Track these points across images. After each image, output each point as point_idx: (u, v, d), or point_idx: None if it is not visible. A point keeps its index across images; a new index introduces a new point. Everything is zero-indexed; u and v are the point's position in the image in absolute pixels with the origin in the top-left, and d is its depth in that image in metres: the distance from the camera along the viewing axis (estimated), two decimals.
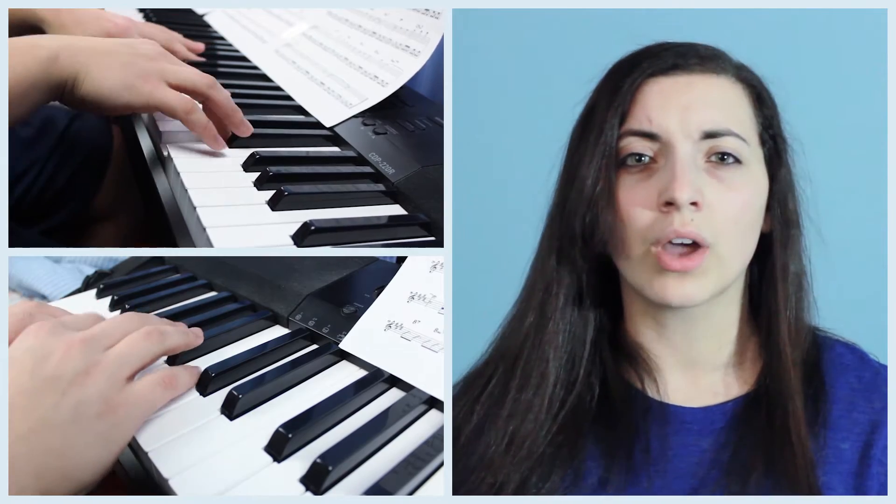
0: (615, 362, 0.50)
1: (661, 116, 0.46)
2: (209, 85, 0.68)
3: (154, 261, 0.97)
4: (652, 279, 0.46)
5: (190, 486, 0.46)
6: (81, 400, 0.47)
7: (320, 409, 0.53)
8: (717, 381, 0.50)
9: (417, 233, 0.62)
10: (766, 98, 0.49)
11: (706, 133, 0.45)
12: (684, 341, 0.49)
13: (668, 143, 0.46)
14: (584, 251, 0.48)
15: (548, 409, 0.49)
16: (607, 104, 0.48)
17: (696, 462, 0.47)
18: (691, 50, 0.48)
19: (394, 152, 0.71)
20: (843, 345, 0.51)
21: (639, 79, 0.47)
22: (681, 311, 0.48)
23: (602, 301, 0.51)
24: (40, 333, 0.51)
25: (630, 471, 0.47)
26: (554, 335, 0.49)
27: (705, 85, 0.47)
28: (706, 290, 0.45)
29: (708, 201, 0.45)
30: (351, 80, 0.85)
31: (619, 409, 0.49)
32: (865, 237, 0.71)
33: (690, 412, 0.49)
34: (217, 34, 1.16)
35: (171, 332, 0.59)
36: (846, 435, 0.47)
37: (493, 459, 0.48)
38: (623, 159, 0.47)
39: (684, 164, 0.45)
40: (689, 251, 0.45)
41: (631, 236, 0.46)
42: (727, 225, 0.45)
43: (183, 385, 0.56)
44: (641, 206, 0.46)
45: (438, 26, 0.81)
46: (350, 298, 0.70)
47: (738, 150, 0.46)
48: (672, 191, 0.44)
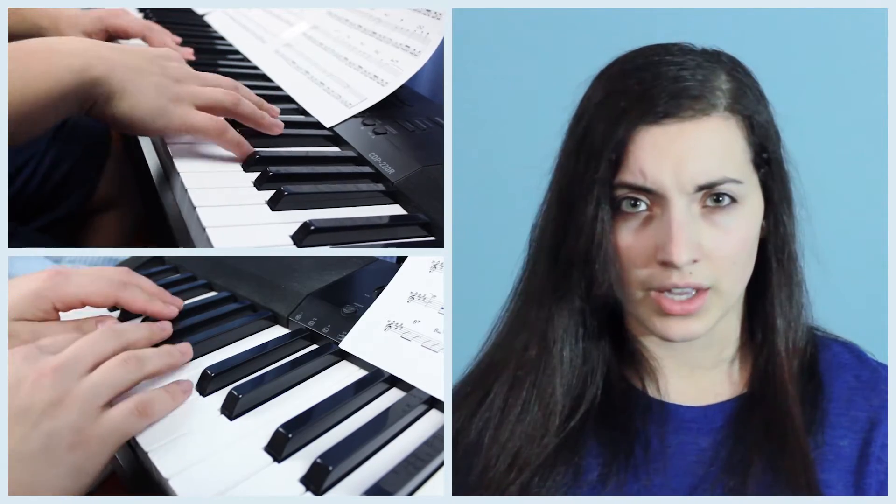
0: (616, 362, 0.50)
1: (656, 171, 0.44)
2: (235, 102, 0.68)
3: (154, 261, 0.97)
4: (654, 319, 0.46)
5: (190, 486, 0.46)
6: (52, 432, 0.45)
7: (320, 409, 0.53)
8: (716, 380, 0.50)
9: (417, 233, 0.62)
10: (760, 121, 0.47)
11: (701, 186, 0.44)
12: (687, 349, 0.50)
13: (663, 197, 0.45)
14: (585, 297, 0.48)
15: (553, 431, 0.49)
16: (600, 148, 0.46)
17: (695, 460, 0.48)
18: (682, 90, 0.45)
19: (394, 152, 0.71)
20: (841, 344, 0.51)
21: (631, 130, 0.45)
22: None
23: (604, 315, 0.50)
24: (14, 360, 0.49)
25: (630, 468, 0.47)
26: (559, 363, 0.49)
27: (697, 132, 0.45)
28: (709, 324, 0.46)
29: (706, 251, 0.44)
30: (351, 80, 0.85)
31: (619, 408, 0.49)
32: (866, 237, 0.71)
33: (690, 411, 0.49)
34: (217, 34, 1.16)
35: (150, 356, 0.56)
36: (845, 433, 0.47)
37: (494, 479, 0.48)
38: (619, 203, 0.46)
39: (680, 224, 0.44)
40: (691, 296, 0.45)
41: (630, 284, 0.46)
42: (726, 266, 0.45)
43: (159, 411, 0.53)
44: (639, 258, 0.45)
45: (439, 27, 0.81)
46: (350, 298, 0.70)
47: (734, 192, 0.45)
48: (670, 254, 0.43)
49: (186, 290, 0.84)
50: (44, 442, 0.45)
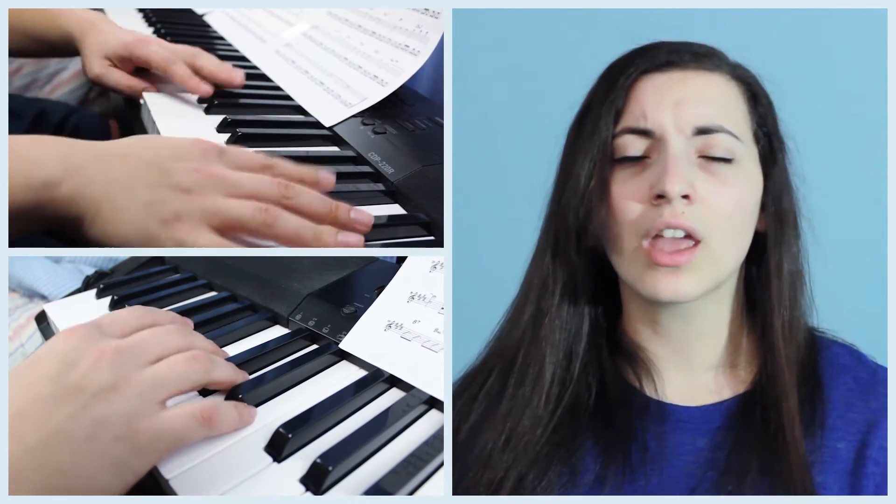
0: (613, 361, 0.50)
1: (656, 112, 0.46)
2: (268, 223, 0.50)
3: (154, 261, 0.97)
4: (643, 274, 0.46)
5: (190, 486, 0.46)
6: (102, 418, 0.42)
7: (320, 409, 0.53)
8: (713, 380, 0.50)
9: (417, 232, 0.62)
10: (762, 96, 0.49)
11: (698, 129, 0.45)
12: (680, 339, 0.49)
13: (660, 138, 0.46)
14: (578, 246, 0.48)
15: (545, 405, 0.49)
16: (602, 101, 0.48)
17: (692, 461, 0.47)
18: (686, 47, 0.48)
19: (393, 152, 0.71)
20: (840, 345, 0.51)
21: (633, 75, 0.47)
22: (676, 309, 0.48)
23: (598, 298, 0.51)
24: (72, 337, 0.46)
25: (627, 469, 0.47)
26: (550, 331, 0.50)
27: (699, 81, 0.47)
28: (698, 285, 0.45)
29: (700, 196, 0.45)
30: (350, 80, 0.85)
31: (616, 407, 0.49)
32: (866, 238, 0.71)
33: (687, 411, 0.49)
34: (217, 34, 1.16)
35: (219, 363, 0.52)
36: (842, 435, 0.47)
37: (491, 456, 0.48)
38: (618, 157, 0.47)
39: (676, 158, 0.45)
40: (681, 246, 0.45)
41: (623, 229, 0.46)
42: (720, 220, 0.45)
43: (224, 425, 0.48)
44: (633, 199, 0.46)
45: (438, 26, 0.81)
46: (350, 298, 0.70)
47: (731, 149, 0.46)
48: (663, 183, 0.44)
49: (186, 290, 0.84)
50: (91, 427, 0.41)
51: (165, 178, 0.48)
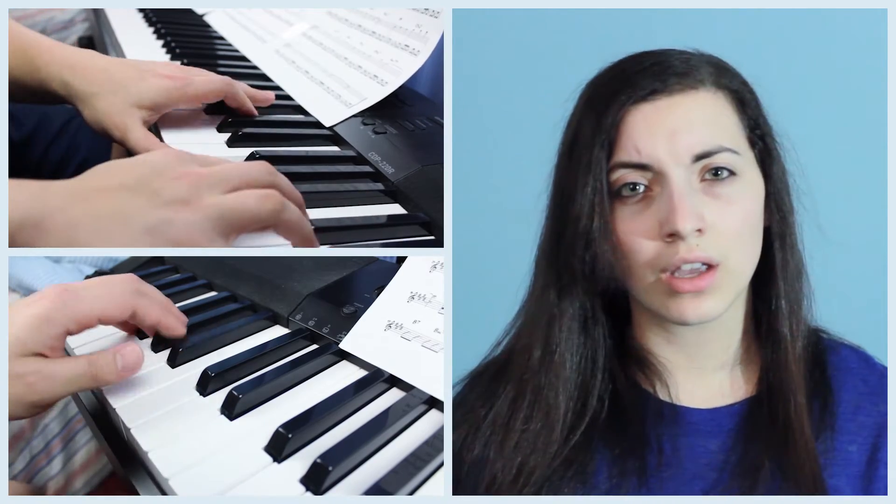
0: (624, 369, 0.50)
1: (650, 146, 0.45)
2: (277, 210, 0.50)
3: (154, 261, 0.97)
4: (667, 302, 0.45)
5: (190, 486, 0.46)
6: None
7: (320, 409, 0.53)
8: (724, 382, 0.50)
9: (417, 232, 0.62)
10: (749, 99, 0.48)
11: (697, 156, 0.45)
12: (694, 345, 0.49)
13: (660, 172, 0.45)
14: (586, 286, 0.48)
15: (560, 433, 0.48)
16: (592, 136, 0.46)
17: (704, 464, 0.47)
18: (667, 68, 0.46)
19: (393, 152, 0.71)
20: (848, 348, 0.51)
21: (620, 111, 0.46)
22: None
23: (608, 319, 0.50)
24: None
25: (643, 474, 0.47)
26: (561, 366, 0.49)
27: (687, 104, 0.46)
28: (723, 303, 0.45)
29: (710, 223, 0.44)
30: (350, 80, 0.85)
31: (630, 414, 0.48)
32: (866, 237, 0.71)
33: (698, 413, 0.49)
34: (217, 34, 1.16)
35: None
36: (853, 438, 0.47)
37: (501, 490, 0.48)
38: (618, 190, 0.46)
39: (681, 193, 0.44)
40: (700, 272, 0.44)
41: (638, 267, 0.46)
42: (732, 240, 0.45)
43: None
44: (644, 237, 0.45)
45: (438, 26, 0.81)
46: (350, 298, 0.70)
47: (732, 163, 0.45)
48: (674, 224, 0.43)
49: (186, 290, 0.84)
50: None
51: (157, 197, 0.46)
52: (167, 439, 0.51)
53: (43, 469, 0.85)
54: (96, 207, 0.45)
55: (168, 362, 0.63)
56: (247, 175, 0.51)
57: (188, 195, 0.47)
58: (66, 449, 0.86)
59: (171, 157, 0.50)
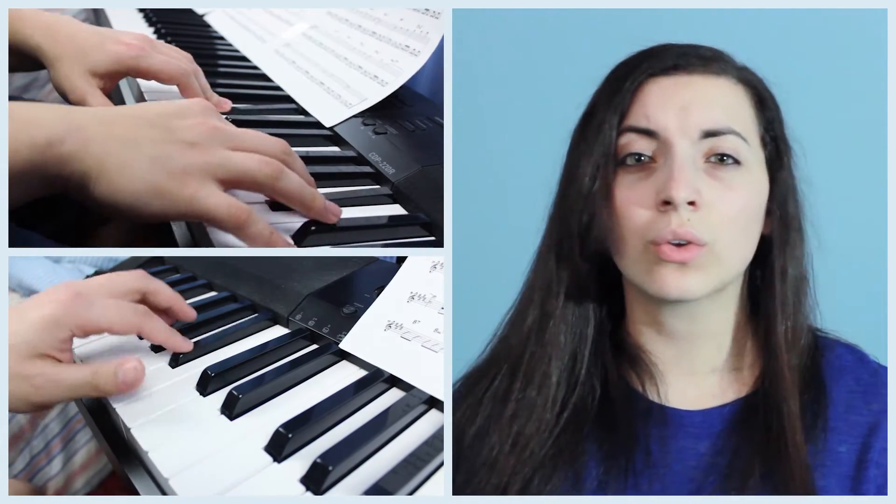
0: (616, 364, 0.50)
1: (660, 114, 0.46)
2: (273, 175, 0.52)
3: (154, 261, 0.97)
4: (651, 271, 0.45)
5: (190, 486, 0.46)
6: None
7: (320, 409, 0.53)
8: (715, 384, 0.50)
9: (417, 233, 0.62)
10: (768, 100, 0.49)
11: (705, 132, 0.45)
12: (684, 341, 0.49)
13: (666, 142, 0.45)
14: (582, 249, 0.48)
15: (551, 407, 0.49)
16: (607, 103, 0.48)
17: (693, 465, 0.47)
18: (693, 50, 0.48)
19: (394, 152, 0.71)
20: (844, 346, 0.51)
21: (639, 78, 0.47)
22: (680, 310, 0.48)
23: (602, 300, 0.51)
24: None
25: (630, 474, 0.47)
26: (555, 333, 0.49)
27: (706, 84, 0.47)
28: (705, 284, 0.45)
29: (706, 201, 0.44)
30: (351, 80, 0.85)
31: (619, 412, 0.49)
32: (866, 239, 0.71)
33: (689, 415, 0.49)
34: (217, 34, 1.16)
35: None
36: (844, 438, 0.47)
37: (498, 460, 0.48)
38: (622, 159, 0.47)
39: (682, 163, 0.45)
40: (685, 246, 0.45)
41: (628, 234, 0.46)
42: (725, 224, 0.45)
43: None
44: (639, 204, 0.46)
45: (438, 26, 0.81)
46: (350, 298, 0.71)
47: (738, 150, 0.46)
48: (669, 190, 0.44)
49: (186, 290, 0.84)
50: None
51: (169, 133, 0.50)
52: (167, 439, 0.51)
53: (43, 469, 0.85)
54: (113, 130, 0.49)
55: (168, 362, 0.64)
56: (261, 144, 0.55)
57: (197, 139, 0.51)
58: (66, 449, 0.86)
59: (201, 106, 0.55)
